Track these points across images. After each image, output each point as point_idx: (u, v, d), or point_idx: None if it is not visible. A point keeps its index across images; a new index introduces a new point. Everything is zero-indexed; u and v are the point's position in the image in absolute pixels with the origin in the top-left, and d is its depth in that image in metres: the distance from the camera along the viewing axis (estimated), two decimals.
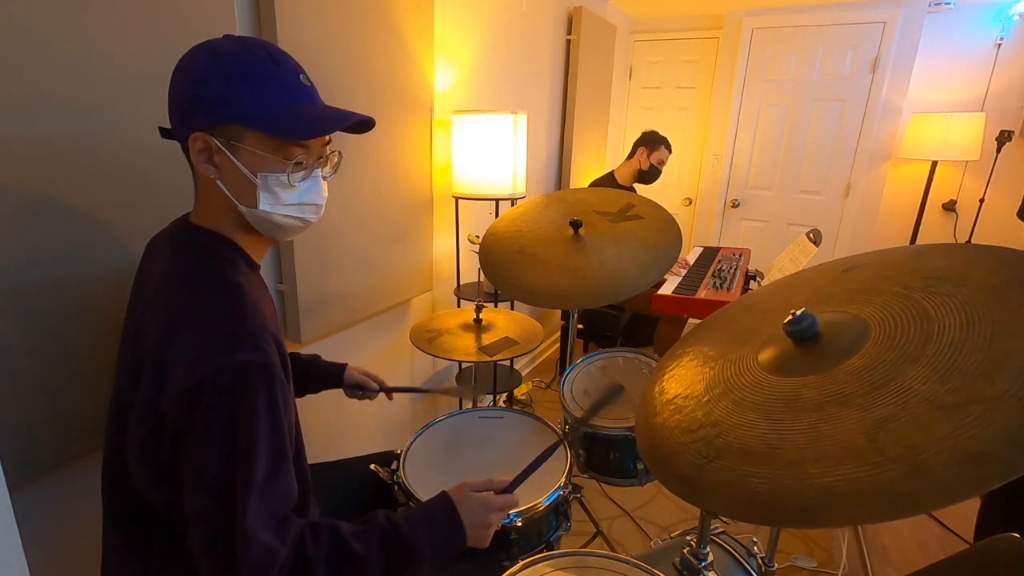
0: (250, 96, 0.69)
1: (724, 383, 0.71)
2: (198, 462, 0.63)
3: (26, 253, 0.88)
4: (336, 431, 1.76)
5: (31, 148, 0.87)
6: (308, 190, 0.76)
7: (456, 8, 1.97)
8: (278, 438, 0.67)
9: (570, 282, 1.34)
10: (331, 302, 1.53)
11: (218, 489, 0.63)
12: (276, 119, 0.70)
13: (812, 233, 2.08)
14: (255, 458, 0.63)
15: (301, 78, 0.73)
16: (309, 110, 0.72)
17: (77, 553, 1.02)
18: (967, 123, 2.78)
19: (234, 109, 0.69)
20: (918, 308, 0.62)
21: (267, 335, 0.68)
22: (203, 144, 0.70)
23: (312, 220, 0.80)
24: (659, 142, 2.73)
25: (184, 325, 0.65)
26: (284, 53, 0.73)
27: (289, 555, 0.66)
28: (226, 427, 0.62)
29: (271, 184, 0.72)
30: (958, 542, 1.79)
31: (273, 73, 0.70)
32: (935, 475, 0.45)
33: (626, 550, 1.80)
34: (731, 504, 0.57)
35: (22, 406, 0.90)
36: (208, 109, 0.69)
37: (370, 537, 0.72)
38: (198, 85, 0.69)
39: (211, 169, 0.72)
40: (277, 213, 0.75)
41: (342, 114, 0.74)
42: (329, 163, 0.80)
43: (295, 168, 0.73)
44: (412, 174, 1.78)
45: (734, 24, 3.35)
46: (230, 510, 0.63)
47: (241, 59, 0.69)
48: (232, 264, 0.74)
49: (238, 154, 0.70)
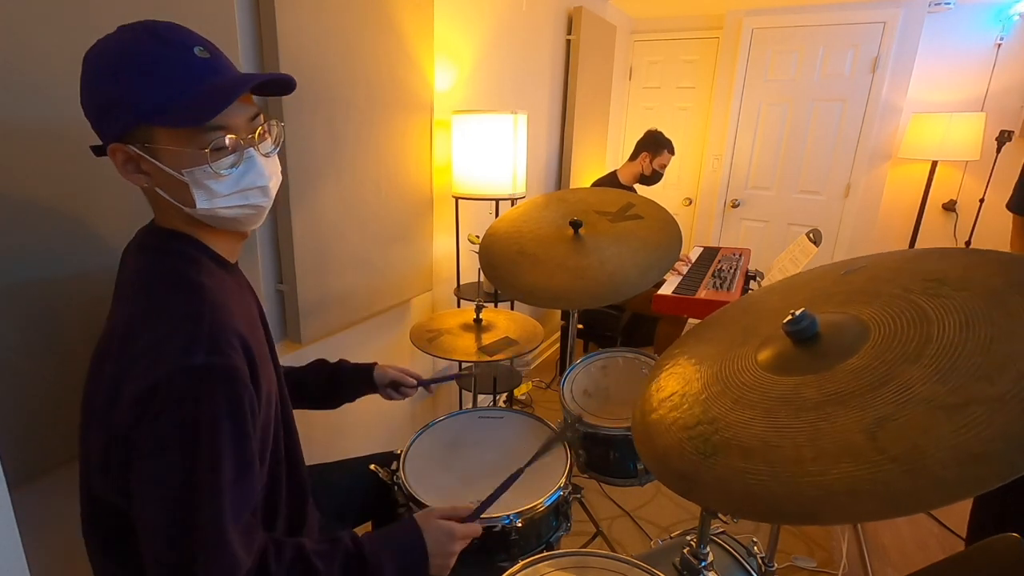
0: (142, 89, 0.62)
1: (722, 381, 0.71)
2: (152, 471, 0.60)
3: (26, 252, 0.88)
4: (336, 431, 1.76)
5: (30, 145, 0.87)
6: (245, 174, 0.69)
7: (456, 8, 1.97)
8: (241, 447, 0.63)
9: (571, 282, 1.34)
10: (331, 302, 1.53)
11: (173, 500, 0.60)
12: (172, 107, 0.62)
13: (812, 233, 2.08)
14: (219, 467, 0.61)
15: (197, 51, 0.65)
16: (206, 87, 0.64)
17: (77, 553, 1.02)
18: (967, 123, 2.78)
19: (132, 109, 0.62)
20: (918, 310, 0.62)
21: (230, 338, 0.64)
22: (123, 155, 0.65)
23: (263, 204, 0.73)
24: (662, 146, 2.71)
25: (140, 328, 0.63)
26: (175, 27, 0.65)
27: (252, 568, 0.64)
28: (182, 435, 0.59)
29: (200, 179, 0.66)
30: (958, 542, 1.79)
31: (162, 56, 0.63)
32: (935, 474, 0.45)
33: (626, 550, 1.80)
34: (728, 500, 0.57)
35: (22, 406, 0.90)
36: (111, 116, 0.64)
37: (333, 557, 0.71)
38: (93, 93, 0.64)
39: (142, 178, 0.67)
40: (218, 207, 0.69)
41: (236, 82, 0.65)
42: (269, 137, 0.73)
43: (216, 155, 0.66)
44: (412, 174, 1.78)
45: (734, 24, 3.35)
46: (187, 523, 0.60)
47: (125, 50, 0.63)
48: (195, 264, 0.70)
49: (159, 156, 0.65)
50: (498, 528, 0.96)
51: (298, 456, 0.88)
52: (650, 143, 2.73)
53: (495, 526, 0.95)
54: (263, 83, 0.68)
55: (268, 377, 0.76)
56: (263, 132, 0.72)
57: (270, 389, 0.76)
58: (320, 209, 1.44)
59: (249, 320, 0.77)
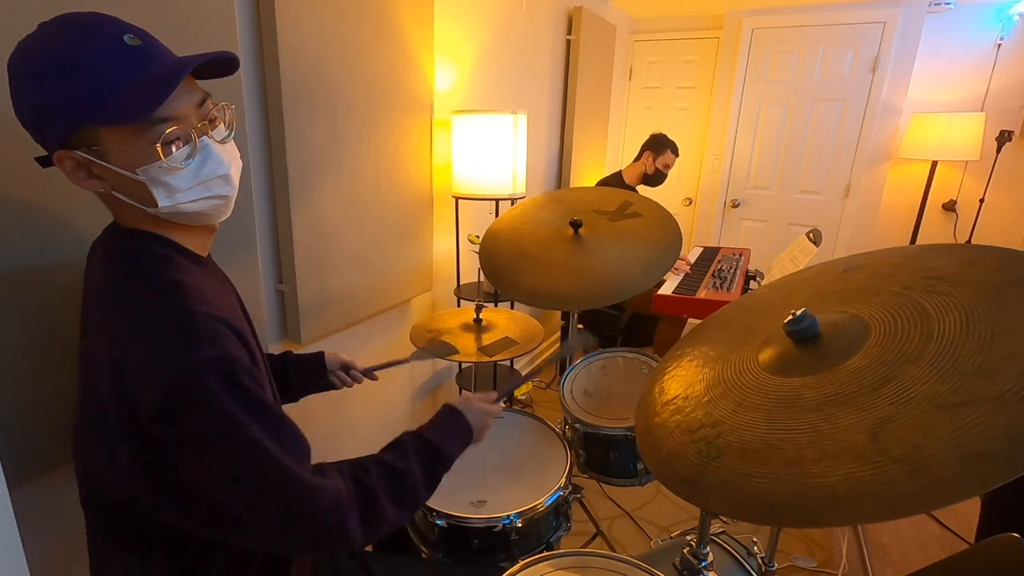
0: (74, 90, 0.58)
1: (724, 383, 0.71)
2: (203, 467, 0.59)
3: (25, 251, 0.88)
4: (336, 431, 1.76)
5: (28, 143, 0.87)
6: (203, 164, 0.65)
7: (456, 8, 1.97)
8: (264, 412, 0.62)
9: (574, 283, 1.34)
10: (331, 302, 1.53)
11: (242, 484, 0.60)
12: (108, 104, 0.58)
13: (812, 233, 2.09)
14: (258, 439, 0.60)
15: (127, 39, 0.60)
16: (142, 77, 0.59)
17: (77, 553, 1.02)
18: (967, 123, 2.78)
19: (67, 112, 0.58)
20: (918, 308, 0.62)
21: (221, 327, 0.63)
22: (71, 162, 0.61)
23: (227, 193, 0.70)
24: (665, 146, 2.73)
25: (132, 339, 0.60)
26: (99, 17, 0.61)
27: (351, 488, 0.68)
28: (215, 425, 0.59)
29: (156, 176, 0.62)
30: (958, 542, 1.79)
31: (88, 50, 0.58)
32: (937, 474, 0.45)
33: (626, 550, 1.80)
34: (732, 504, 0.57)
35: (22, 406, 0.90)
36: (47, 124, 0.60)
37: (407, 454, 0.79)
38: (24, 102, 0.60)
39: (96, 183, 0.63)
40: (181, 203, 0.65)
41: (175, 67, 0.60)
42: (220, 123, 0.69)
43: (167, 150, 0.61)
44: (412, 174, 1.78)
45: (734, 24, 3.35)
46: (265, 494, 0.61)
47: (48, 51, 0.58)
48: (168, 262, 0.67)
49: (108, 158, 0.61)
50: (498, 528, 0.95)
51: None
52: (653, 143, 2.75)
53: (495, 526, 0.95)
54: (204, 64, 0.63)
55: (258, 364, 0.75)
56: (214, 117, 0.67)
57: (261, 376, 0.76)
58: (320, 209, 1.44)
59: (232, 311, 0.74)
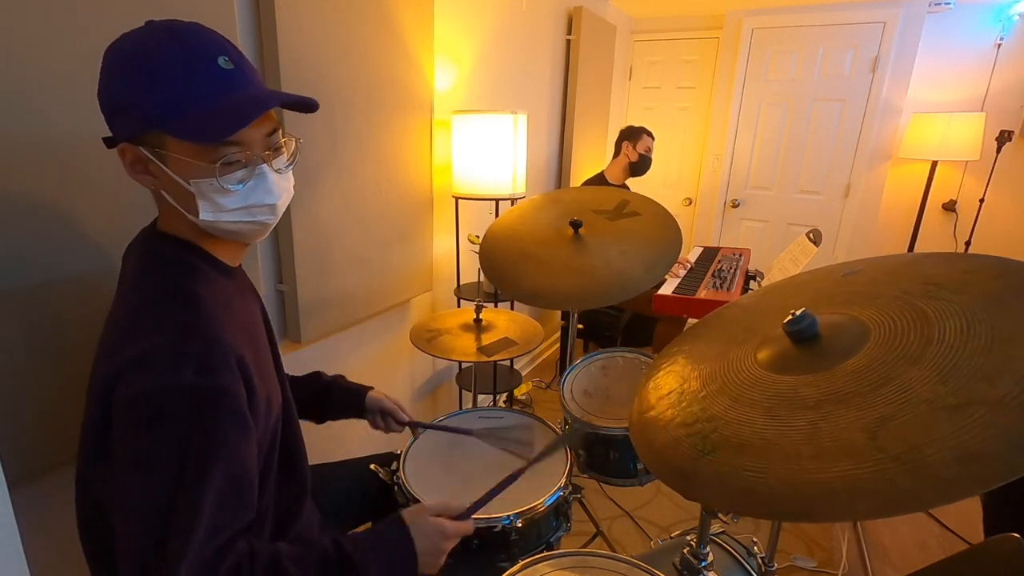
0: (156, 96, 0.60)
1: (721, 379, 0.71)
2: (130, 482, 0.59)
3: (26, 253, 0.88)
4: (336, 431, 1.75)
5: (29, 147, 0.87)
6: (253, 190, 0.67)
7: (456, 8, 1.97)
8: (228, 466, 0.61)
9: (577, 283, 1.33)
10: (331, 302, 1.53)
11: (149, 514, 0.58)
12: (186, 120, 0.61)
13: (812, 233, 2.09)
14: (201, 488, 0.58)
15: (221, 61, 0.62)
16: (224, 104, 0.62)
17: (77, 553, 1.02)
18: (967, 123, 2.78)
19: (145, 114, 0.61)
20: (918, 312, 0.62)
21: (222, 354, 0.62)
22: (132, 155, 0.64)
23: (268, 221, 0.71)
24: (639, 132, 2.73)
25: (132, 334, 0.61)
26: (200, 33, 0.63)
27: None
28: (165, 453, 0.57)
29: (206, 191, 0.65)
30: (958, 542, 1.79)
31: (182, 63, 0.60)
32: (936, 473, 0.45)
33: (626, 550, 1.80)
34: (727, 497, 0.57)
35: (22, 406, 0.90)
36: (123, 117, 0.63)
37: (308, 562, 0.67)
38: (107, 92, 0.63)
39: (149, 179, 0.66)
40: (222, 220, 0.67)
41: (257, 102, 0.63)
42: (284, 152, 0.71)
43: (225, 170, 0.64)
44: (412, 174, 1.78)
45: (734, 24, 3.35)
46: (160, 538, 0.57)
47: (143, 53, 0.60)
48: (193, 272, 0.68)
49: (167, 163, 0.63)
50: (498, 528, 0.95)
51: (300, 455, 0.87)
52: (628, 133, 2.74)
53: (495, 526, 0.95)
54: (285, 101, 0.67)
55: (269, 383, 0.75)
56: (279, 146, 0.70)
57: (270, 395, 0.75)
58: (320, 209, 1.44)
59: (248, 326, 0.75)
